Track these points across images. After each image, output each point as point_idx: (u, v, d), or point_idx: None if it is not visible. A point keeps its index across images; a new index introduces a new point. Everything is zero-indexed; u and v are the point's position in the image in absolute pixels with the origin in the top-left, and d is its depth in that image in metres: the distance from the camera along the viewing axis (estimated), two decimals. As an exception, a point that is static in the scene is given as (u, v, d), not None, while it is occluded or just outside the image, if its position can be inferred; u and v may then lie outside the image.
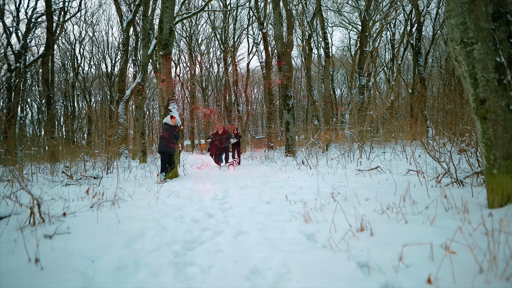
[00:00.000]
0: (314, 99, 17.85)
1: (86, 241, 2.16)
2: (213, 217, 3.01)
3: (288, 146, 10.89)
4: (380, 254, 1.73)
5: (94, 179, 6.03)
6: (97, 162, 8.61)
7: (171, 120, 6.10)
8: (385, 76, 23.29)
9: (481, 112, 2.31)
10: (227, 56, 22.53)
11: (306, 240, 2.18)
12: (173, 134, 6.00)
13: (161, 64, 6.58)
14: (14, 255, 1.87)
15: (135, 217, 2.86)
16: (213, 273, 1.77)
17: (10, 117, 13.35)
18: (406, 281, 1.47)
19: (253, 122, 35.67)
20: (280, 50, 11.01)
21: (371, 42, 16.69)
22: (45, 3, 14.12)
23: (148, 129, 33.34)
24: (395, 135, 10.76)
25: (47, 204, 2.95)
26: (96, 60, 27.38)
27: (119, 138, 11.96)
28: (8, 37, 15.83)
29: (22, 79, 14.85)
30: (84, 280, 1.59)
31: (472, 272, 1.44)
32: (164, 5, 6.53)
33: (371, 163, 6.31)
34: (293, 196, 3.77)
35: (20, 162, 9.32)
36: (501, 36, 2.30)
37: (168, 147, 5.95)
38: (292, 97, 10.91)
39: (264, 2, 17.49)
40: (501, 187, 2.26)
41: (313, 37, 16.27)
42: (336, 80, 31.05)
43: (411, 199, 2.81)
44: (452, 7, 2.39)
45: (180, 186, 5.08)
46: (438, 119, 15.06)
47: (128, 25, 14.06)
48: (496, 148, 2.27)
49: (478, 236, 1.82)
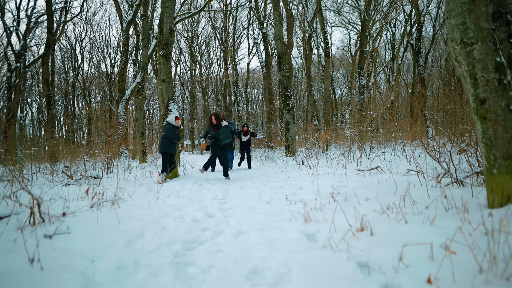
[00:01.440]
0: (314, 99, 17.85)
1: (86, 241, 2.16)
2: (213, 217, 3.01)
3: (288, 146, 10.90)
4: (380, 254, 1.73)
5: (94, 179, 6.03)
6: (97, 162, 8.61)
7: (175, 121, 6.06)
8: (385, 76, 23.30)
9: (481, 112, 2.31)
10: (227, 56, 22.54)
11: (306, 240, 2.18)
12: (175, 135, 6.00)
13: (161, 64, 6.58)
14: (14, 255, 1.87)
15: (135, 217, 2.86)
16: (213, 273, 1.77)
17: (10, 117, 13.36)
18: (406, 281, 1.47)
19: (253, 122, 35.69)
20: (280, 50, 11.01)
21: (371, 42, 16.70)
22: (45, 3, 14.12)
23: (148, 129, 33.35)
24: (395, 135, 10.76)
25: (47, 204, 2.95)
26: (96, 60, 27.42)
27: (119, 138, 11.96)
28: (9, 37, 15.83)
29: (22, 79, 14.84)
30: (84, 280, 1.59)
31: (472, 272, 1.44)
32: (164, 5, 6.53)
33: (371, 163, 6.30)
34: (293, 196, 3.77)
35: (20, 162, 9.33)
36: (501, 36, 2.30)
37: (169, 147, 5.94)
38: (292, 97, 10.92)
39: (264, 2, 17.50)
40: (501, 187, 2.26)
41: (313, 37, 16.28)
42: (336, 80, 31.05)
43: (411, 199, 2.81)
44: (452, 7, 2.39)
45: (180, 186, 5.08)
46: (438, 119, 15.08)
47: (128, 25, 14.07)
48: (496, 148, 2.27)
49: (478, 236, 1.82)
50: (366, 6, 14.57)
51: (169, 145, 5.91)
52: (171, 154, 5.99)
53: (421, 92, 14.25)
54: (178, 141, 6.12)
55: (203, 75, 28.14)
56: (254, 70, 33.80)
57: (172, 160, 6.08)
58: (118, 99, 13.80)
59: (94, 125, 25.15)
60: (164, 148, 5.91)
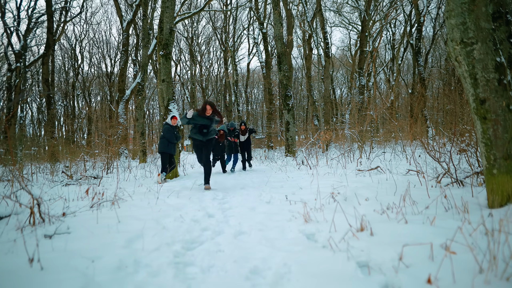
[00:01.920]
0: (314, 99, 17.86)
1: (86, 241, 2.16)
2: (213, 217, 3.01)
3: (288, 146, 10.90)
4: (380, 254, 1.73)
5: (94, 179, 6.03)
6: (97, 162, 8.60)
7: (171, 121, 6.11)
8: (385, 76, 23.31)
9: (481, 112, 2.31)
10: (227, 56, 22.54)
11: (306, 240, 2.18)
12: (173, 134, 6.01)
13: (161, 64, 6.58)
14: (13, 255, 1.86)
15: (135, 217, 2.86)
16: (213, 273, 1.77)
17: (10, 117, 13.36)
18: (406, 281, 1.46)
19: (253, 122, 35.69)
20: (280, 50, 11.01)
21: (371, 42, 16.70)
22: (45, 3, 14.13)
23: (148, 129, 33.35)
24: (395, 135, 10.76)
25: (47, 204, 2.95)
26: (96, 60, 27.42)
27: (119, 138, 11.96)
28: (9, 37, 15.83)
29: (22, 79, 14.84)
30: (84, 280, 1.59)
31: (472, 272, 1.44)
32: (164, 5, 6.53)
33: (371, 163, 6.30)
34: (293, 196, 3.76)
35: (20, 162, 9.32)
36: (501, 36, 2.29)
37: (168, 147, 5.95)
38: (292, 97, 10.91)
39: (264, 2, 17.50)
40: (501, 187, 2.26)
41: (313, 37, 16.28)
42: (336, 80, 31.04)
43: (411, 199, 2.81)
44: (452, 7, 2.39)
45: (180, 186, 5.08)
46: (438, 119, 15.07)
47: (128, 25, 14.07)
48: (496, 148, 2.27)
49: (478, 236, 1.82)
50: (366, 6, 14.57)
51: (167, 144, 5.93)
52: (170, 154, 6.00)
53: (421, 92, 14.26)
54: (177, 141, 6.13)
55: (203, 75, 28.14)
56: (254, 70, 33.83)
57: (172, 160, 6.08)
58: (118, 99, 13.81)
59: (94, 125, 25.14)
60: (163, 148, 5.93)
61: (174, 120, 6.14)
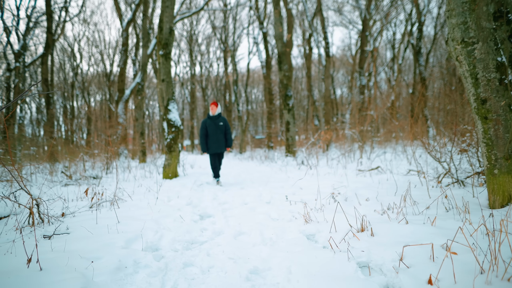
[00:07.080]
0: (314, 99, 17.85)
1: (85, 242, 2.15)
2: (213, 217, 3.01)
3: (288, 146, 10.88)
4: (380, 255, 1.72)
5: (93, 179, 6.02)
6: (96, 162, 8.60)
7: (211, 111, 5.25)
8: (385, 75, 23.29)
9: (482, 112, 2.30)
10: (227, 56, 22.52)
11: (306, 241, 2.17)
12: (217, 127, 5.18)
13: (161, 64, 6.57)
14: (13, 255, 1.86)
15: (134, 217, 2.85)
16: (213, 274, 1.76)
17: (9, 116, 13.35)
18: (407, 282, 1.46)
19: (253, 122, 35.70)
20: (280, 50, 11.00)
21: (371, 42, 16.69)
22: (45, 3, 14.11)
23: (148, 129, 33.34)
24: (395, 135, 10.75)
25: (46, 204, 2.94)
26: (95, 60, 27.40)
27: (118, 138, 11.95)
28: (8, 36, 15.82)
29: (22, 79, 14.84)
30: (83, 280, 1.58)
31: (473, 272, 1.43)
32: (164, 4, 6.52)
33: (371, 163, 6.30)
34: (293, 196, 3.76)
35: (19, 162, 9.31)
36: (502, 35, 2.28)
37: (223, 145, 5.29)
38: (292, 97, 10.90)
39: (264, 1, 17.47)
40: (502, 187, 2.25)
41: (313, 36, 16.27)
42: (337, 80, 31.03)
43: (411, 199, 2.80)
44: (453, 6, 2.38)
45: (180, 186, 5.07)
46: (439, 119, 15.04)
47: (128, 25, 14.05)
48: (497, 148, 2.26)
49: (479, 236, 1.81)
50: (367, 5, 14.56)
51: (223, 143, 5.36)
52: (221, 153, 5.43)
53: (422, 92, 14.25)
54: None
55: (203, 75, 28.13)
56: (254, 70, 33.79)
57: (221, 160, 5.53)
58: (118, 99, 13.79)
59: (94, 125, 25.13)
60: (220, 148, 5.32)
61: (214, 107, 5.23)
